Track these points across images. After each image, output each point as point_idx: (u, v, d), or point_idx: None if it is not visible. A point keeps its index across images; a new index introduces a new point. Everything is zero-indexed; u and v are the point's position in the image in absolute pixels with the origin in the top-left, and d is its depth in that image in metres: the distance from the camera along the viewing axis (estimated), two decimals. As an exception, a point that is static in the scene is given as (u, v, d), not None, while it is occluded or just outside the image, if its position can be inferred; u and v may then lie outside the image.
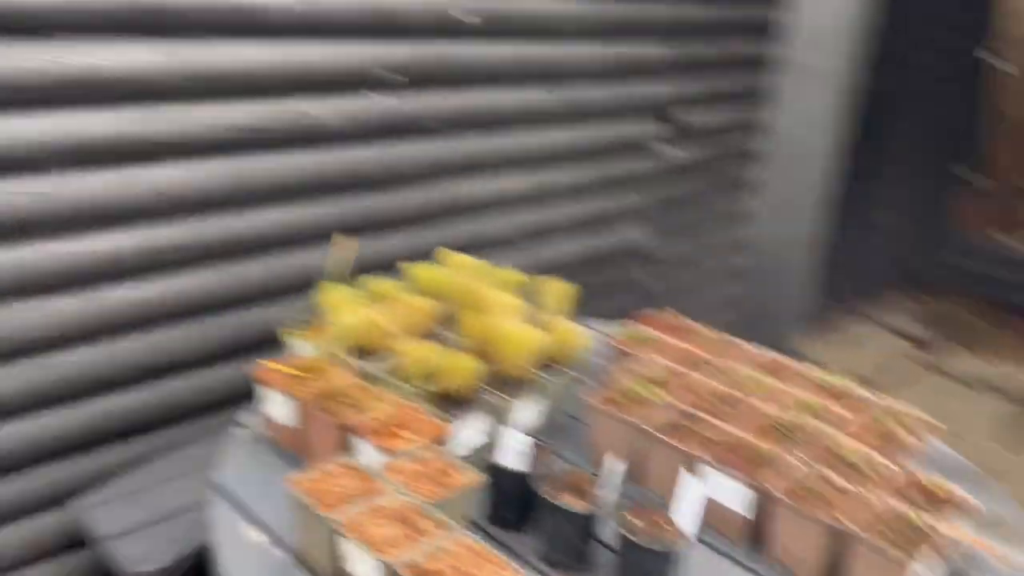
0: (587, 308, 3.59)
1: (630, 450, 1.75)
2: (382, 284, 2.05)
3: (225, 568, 1.43)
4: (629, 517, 1.47)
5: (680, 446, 1.65)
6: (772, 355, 2.09)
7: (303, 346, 1.92)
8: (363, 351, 1.87)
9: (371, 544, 1.30)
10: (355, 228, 2.60)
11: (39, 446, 2.18)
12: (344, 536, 1.32)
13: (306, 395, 1.66)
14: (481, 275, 2.13)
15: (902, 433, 1.75)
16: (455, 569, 1.26)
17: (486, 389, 1.78)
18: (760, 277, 2.86)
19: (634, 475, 1.76)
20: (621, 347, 2.07)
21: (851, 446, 1.68)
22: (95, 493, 2.23)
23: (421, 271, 2.12)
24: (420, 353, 1.75)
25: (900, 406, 1.85)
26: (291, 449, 1.76)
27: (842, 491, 1.55)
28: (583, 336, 1.97)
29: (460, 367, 1.73)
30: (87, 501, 2.21)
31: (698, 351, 2.06)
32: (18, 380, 2.09)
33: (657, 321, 2.24)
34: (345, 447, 1.62)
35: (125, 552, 2.02)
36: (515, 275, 2.18)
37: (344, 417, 1.61)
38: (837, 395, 1.92)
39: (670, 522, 1.47)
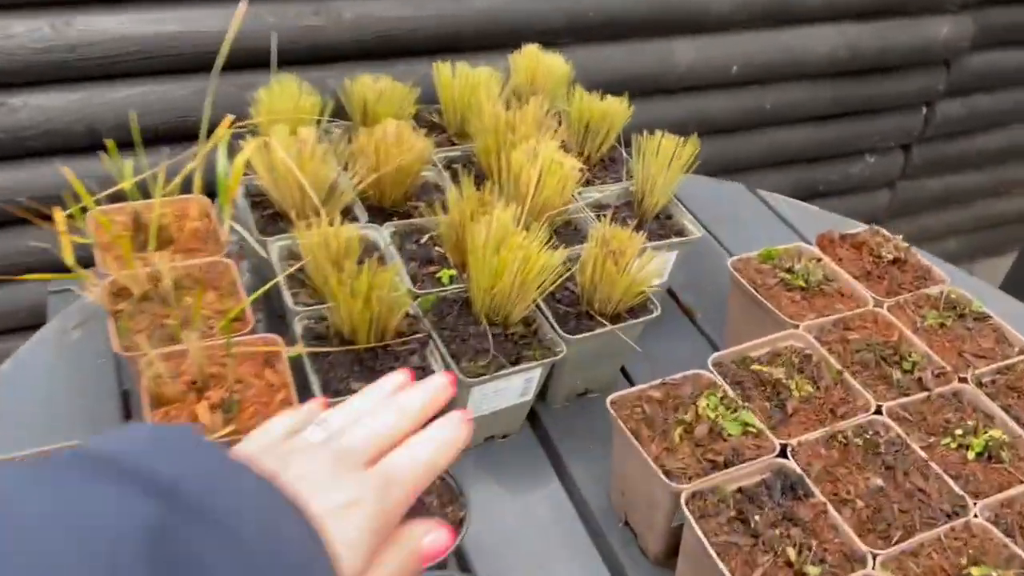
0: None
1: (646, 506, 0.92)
2: (369, 87, 1.22)
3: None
4: None
5: (721, 568, 0.80)
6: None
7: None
8: (277, 217, 1.12)
9: None
10: None
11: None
12: None
13: (105, 285, 0.96)
14: (553, 99, 1.23)
15: None
16: None
17: (431, 338, 0.99)
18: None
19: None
20: (743, 283, 1.12)
21: None
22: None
23: (447, 73, 1.25)
24: (330, 242, 0.96)
25: None
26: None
27: None
28: (659, 266, 1.06)
29: (389, 291, 0.93)
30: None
31: (899, 325, 1.09)
32: None
33: (855, 240, 1.26)
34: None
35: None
36: (619, 107, 1.26)
37: (133, 347, 0.91)
38: None
39: None
